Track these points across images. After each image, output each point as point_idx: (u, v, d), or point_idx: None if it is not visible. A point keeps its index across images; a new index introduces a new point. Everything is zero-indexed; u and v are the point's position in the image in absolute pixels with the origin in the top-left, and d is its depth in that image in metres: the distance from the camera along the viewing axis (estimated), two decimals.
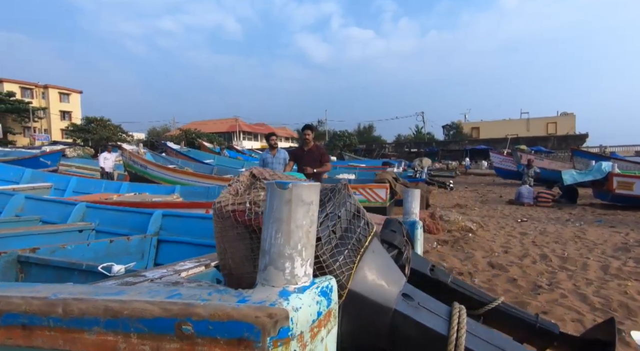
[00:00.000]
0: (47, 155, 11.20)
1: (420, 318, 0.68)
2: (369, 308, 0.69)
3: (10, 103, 39.64)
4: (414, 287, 0.75)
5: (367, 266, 0.71)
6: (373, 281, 0.70)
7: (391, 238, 1.09)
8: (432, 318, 0.68)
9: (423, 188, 7.20)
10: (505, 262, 4.00)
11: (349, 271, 0.67)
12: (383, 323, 0.68)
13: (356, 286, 0.68)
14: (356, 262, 0.68)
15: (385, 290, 0.70)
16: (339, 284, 0.64)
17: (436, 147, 34.71)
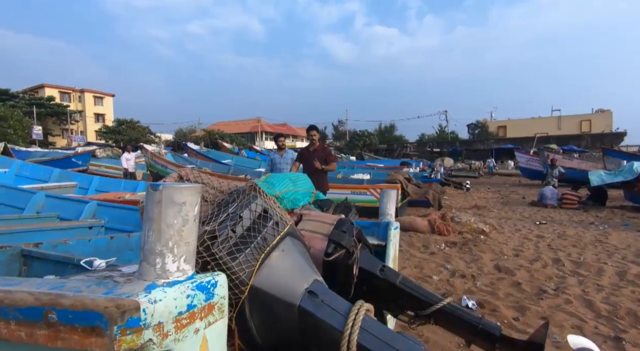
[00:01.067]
0: (78, 156, 11.89)
1: (321, 314, 0.71)
2: (274, 303, 0.72)
3: (51, 107, 42.28)
4: (324, 285, 0.78)
5: (273, 264, 0.74)
6: (278, 278, 0.73)
7: (339, 238, 1.12)
8: (331, 315, 0.71)
9: (436, 189, 7.07)
10: (513, 266, 3.88)
11: (251, 268, 0.71)
12: (290, 318, 0.72)
13: (260, 283, 0.71)
14: (260, 259, 0.72)
15: (290, 286, 0.73)
16: (239, 280, 0.69)
17: (460, 146, 33.75)
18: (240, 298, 0.70)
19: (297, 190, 3.79)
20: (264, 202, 0.80)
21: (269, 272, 0.73)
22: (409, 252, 4.47)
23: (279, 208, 0.84)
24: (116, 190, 5.50)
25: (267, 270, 0.73)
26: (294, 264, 0.75)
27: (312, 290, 0.73)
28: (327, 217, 1.20)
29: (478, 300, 2.88)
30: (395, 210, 1.72)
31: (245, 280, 0.70)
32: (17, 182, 5.94)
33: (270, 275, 0.73)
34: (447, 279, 3.46)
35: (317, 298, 0.72)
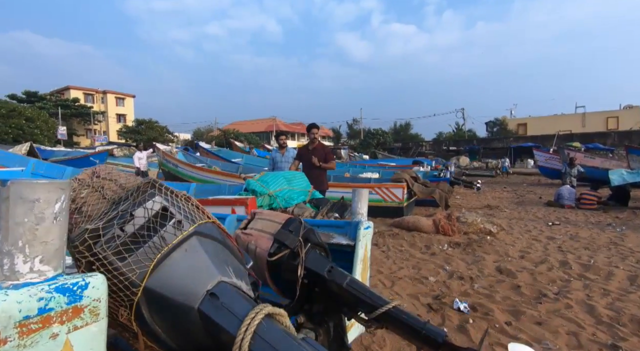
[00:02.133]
0: (96, 155, 12.30)
1: (218, 318, 0.68)
2: (171, 306, 0.70)
3: (75, 108, 44.03)
4: (230, 286, 0.75)
5: (173, 265, 0.72)
6: (177, 279, 0.71)
7: (284, 238, 1.10)
8: (228, 319, 0.68)
9: (444, 189, 6.91)
10: (516, 268, 3.74)
11: (144, 269, 0.69)
12: (193, 322, 0.69)
13: (155, 285, 0.69)
14: (155, 260, 0.70)
15: (189, 288, 0.70)
16: (129, 282, 0.67)
17: (477, 145, 32.93)
18: (133, 300, 0.68)
19: (293, 189, 3.80)
20: (165, 199, 0.78)
21: (167, 273, 0.70)
22: (409, 252, 4.39)
23: (190, 206, 0.82)
24: None
25: (164, 271, 0.70)
26: (198, 265, 0.73)
27: (213, 291, 0.71)
28: (277, 216, 1.18)
29: (472, 303, 2.79)
30: (367, 209, 1.67)
31: (137, 282, 0.68)
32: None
33: (168, 276, 0.70)
34: (444, 281, 3.37)
35: (218, 301, 0.70)
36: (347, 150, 29.84)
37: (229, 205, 3.18)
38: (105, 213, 0.74)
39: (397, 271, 3.64)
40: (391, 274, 3.56)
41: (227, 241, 0.87)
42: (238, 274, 0.80)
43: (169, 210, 0.75)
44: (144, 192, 0.75)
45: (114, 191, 0.80)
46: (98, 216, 0.73)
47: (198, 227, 0.77)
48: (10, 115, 24.37)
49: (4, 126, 23.72)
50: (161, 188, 0.78)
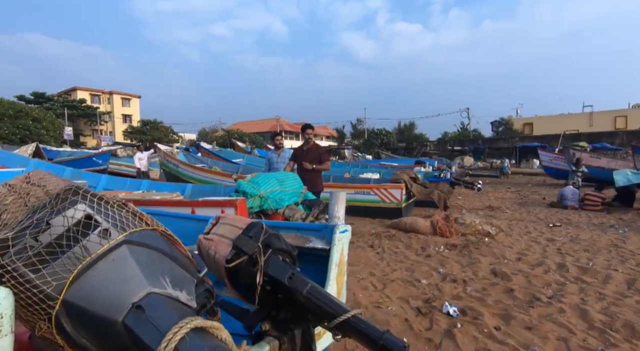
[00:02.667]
0: (99, 155, 12.40)
1: (141, 332, 0.65)
2: (93, 319, 0.67)
3: (82, 109, 44.51)
4: (160, 298, 0.71)
5: (97, 276, 0.69)
6: (100, 291, 0.68)
7: (242, 244, 1.07)
8: (151, 333, 0.64)
9: (443, 189, 6.84)
10: (511, 270, 3.68)
11: (62, 280, 0.66)
12: (117, 336, 0.66)
13: (75, 297, 0.66)
14: (74, 271, 0.67)
15: (113, 300, 0.67)
16: (44, 294, 0.64)
17: (482, 144, 32.64)
18: (50, 314, 0.65)
19: (285, 190, 3.78)
20: (90, 206, 0.74)
21: (90, 285, 0.67)
22: (404, 254, 4.35)
23: (125, 214, 0.78)
24: (122, 189, 5.67)
25: (87, 282, 0.67)
26: (125, 275, 0.70)
27: (140, 304, 0.67)
28: (239, 220, 1.15)
29: (462, 307, 2.75)
30: (344, 212, 1.65)
31: (54, 295, 0.65)
32: None
33: (91, 288, 0.67)
34: (437, 283, 3.33)
35: (143, 314, 0.66)
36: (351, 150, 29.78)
37: (218, 207, 3.17)
38: (19, 222, 0.71)
39: (390, 274, 3.61)
40: (384, 276, 3.52)
41: (171, 249, 0.84)
42: (178, 284, 0.77)
43: (94, 218, 0.72)
44: (64, 199, 0.72)
45: (38, 198, 0.77)
46: (12, 225, 0.71)
47: (130, 236, 0.74)
48: (17, 116, 24.71)
49: (12, 127, 24.05)
50: (86, 195, 0.75)
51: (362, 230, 5.67)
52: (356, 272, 3.62)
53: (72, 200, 0.72)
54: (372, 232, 5.49)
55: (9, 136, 23.08)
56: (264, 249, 1.11)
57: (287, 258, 1.21)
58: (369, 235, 5.31)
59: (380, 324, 2.46)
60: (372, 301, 2.88)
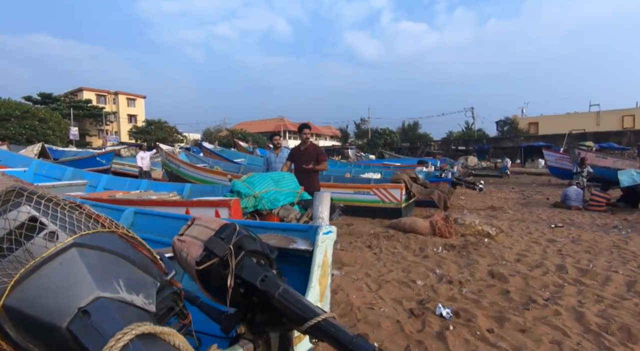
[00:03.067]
0: (102, 155, 12.50)
1: (84, 338, 0.63)
2: (35, 325, 0.65)
3: (88, 109, 44.93)
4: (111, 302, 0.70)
5: (41, 280, 0.67)
6: (44, 296, 0.66)
7: (213, 246, 1.06)
8: (94, 340, 0.62)
9: (444, 189, 6.78)
10: (509, 272, 3.64)
11: (1, 285, 0.65)
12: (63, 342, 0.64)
13: (17, 302, 0.64)
14: (16, 276, 0.65)
15: (57, 306, 0.65)
16: None
17: (487, 144, 32.37)
18: None
19: (281, 190, 3.77)
20: (36, 208, 0.72)
21: (34, 290, 0.65)
22: (401, 254, 4.32)
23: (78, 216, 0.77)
24: (122, 189, 5.70)
25: (31, 287, 0.66)
26: (73, 279, 0.68)
27: (86, 309, 0.65)
28: (213, 222, 1.14)
29: (456, 309, 2.71)
30: (329, 213, 1.63)
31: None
32: (36, 180, 6.32)
33: (36, 293, 0.65)
34: (432, 285, 3.30)
35: (89, 319, 0.64)
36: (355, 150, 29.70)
37: (212, 207, 3.17)
38: None
39: (386, 274, 3.58)
40: (379, 277, 3.50)
41: (130, 251, 0.83)
42: (134, 287, 0.76)
43: (39, 221, 0.70)
44: (6, 201, 0.71)
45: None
46: None
47: (80, 238, 0.72)
48: (24, 116, 24.99)
49: (18, 127, 24.33)
50: (32, 196, 0.73)
51: (360, 230, 5.65)
52: (352, 273, 3.60)
53: (15, 202, 0.70)
54: (370, 232, 5.46)
55: (15, 136, 23.34)
56: (237, 251, 1.10)
57: (262, 260, 1.19)
58: (368, 235, 5.28)
59: (372, 326, 2.44)
60: (365, 302, 2.86)
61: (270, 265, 1.21)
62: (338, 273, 3.56)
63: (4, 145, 17.56)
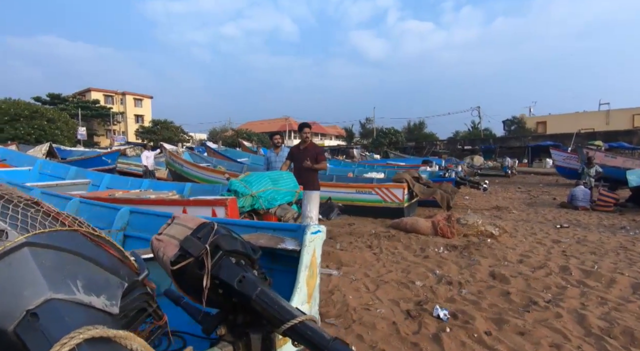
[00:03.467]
0: (108, 155, 12.62)
1: (31, 342, 0.60)
2: None
3: (96, 110, 45.47)
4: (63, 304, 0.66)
5: None
6: None
7: (188, 245, 1.04)
8: (40, 344, 0.59)
9: (446, 189, 6.70)
10: (511, 273, 3.57)
11: None
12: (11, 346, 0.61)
13: None
14: None
15: (4, 308, 0.62)
16: None
17: (494, 143, 32.04)
18: None
19: (279, 190, 3.74)
20: None
21: None
22: (401, 254, 4.27)
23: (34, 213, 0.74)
24: (123, 188, 5.73)
25: None
26: (23, 280, 0.65)
27: (35, 311, 0.62)
28: (191, 220, 1.11)
29: (455, 310, 2.66)
30: (317, 212, 1.59)
31: None
32: (40, 179, 6.40)
33: None
34: (431, 285, 3.24)
35: (37, 322, 0.61)
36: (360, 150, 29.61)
37: (209, 206, 3.15)
38: None
39: (385, 275, 3.54)
40: (378, 277, 3.46)
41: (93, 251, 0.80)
42: (94, 288, 0.72)
43: None
44: None
45: None
46: None
47: (33, 237, 0.69)
48: (33, 117, 25.37)
49: (27, 127, 24.71)
50: None
51: (361, 230, 5.60)
52: (350, 273, 3.57)
53: None
54: (372, 232, 5.42)
55: (24, 136, 23.70)
56: (214, 251, 1.07)
57: (243, 260, 1.16)
58: (369, 235, 5.23)
59: (367, 327, 2.40)
60: (362, 303, 2.82)
61: (252, 265, 1.18)
62: (336, 273, 3.53)
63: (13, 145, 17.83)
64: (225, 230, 1.13)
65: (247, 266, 1.16)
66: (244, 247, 1.16)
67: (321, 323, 2.47)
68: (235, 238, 1.15)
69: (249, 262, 1.17)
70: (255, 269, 1.20)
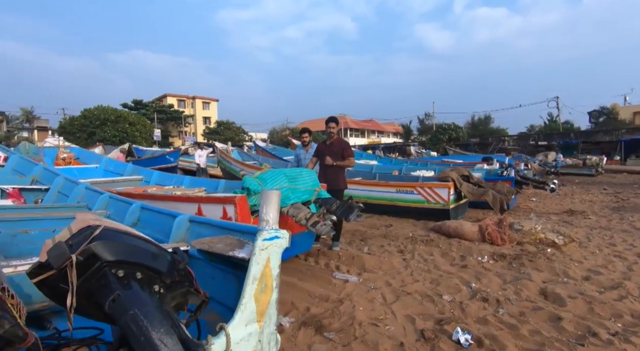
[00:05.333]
0: (170, 154, 13.77)
1: None
2: None
3: (170, 113, 50.24)
4: None
5: None
6: None
7: (51, 254, 0.88)
8: None
9: (502, 189, 5.89)
10: (569, 292, 2.93)
11: None
12: None
13: None
14: None
15: None
16: None
17: (575, 138, 28.10)
18: None
19: (295, 188, 3.56)
20: None
21: None
22: (435, 262, 3.80)
23: None
24: (169, 184, 6.06)
25: None
26: None
27: None
28: (81, 221, 0.95)
29: (482, 335, 2.22)
30: (277, 216, 1.35)
31: None
32: (104, 175, 7.11)
33: None
34: (462, 301, 2.79)
35: None
36: (417, 147, 28.20)
37: (220, 203, 3.10)
38: None
39: (409, 285, 3.15)
40: (400, 287, 3.09)
41: None
42: None
43: None
44: None
45: None
46: None
47: None
48: (117, 121, 28.87)
49: (113, 130, 28.17)
50: None
51: (398, 232, 5.17)
52: (370, 280, 3.25)
53: None
54: (408, 235, 4.96)
55: (111, 138, 27.04)
56: (89, 261, 0.90)
57: (141, 273, 0.97)
58: (404, 238, 4.80)
59: (367, 346, 2.10)
60: (372, 316, 2.51)
61: (160, 278, 0.99)
62: (355, 280, 3.24)
63: (99, 146, 20.43)
64: (117, 235, 0.96)
65: (147, 281, 0.97)
66: (143, 256, 0.97)
67: (318, 337, 2.23)
68: (131, 245, 0.97)
69: (153, 275, 0.98)
70: (164, 283, 1.01)
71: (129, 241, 0.94)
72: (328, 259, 3.90)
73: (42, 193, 4.63)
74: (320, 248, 4.21)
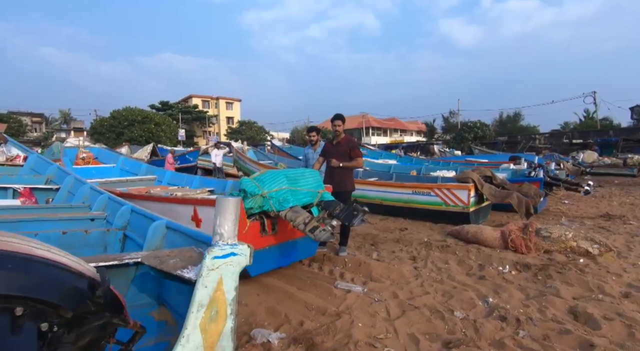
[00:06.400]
0: (190, 153, 13.99)
1: None
2: None
3: (195, 114, 51.52)
4: None
5: None
6: None
7: None
8: None
9: (529, 192, 5.40)
10: (605, 312, 2.55)
11: None
12: None
13: None
14: None
15: None
16: None
17: (615, 136, 26.19)
18: None
19: (296, 189, 3.35)
20: None
21: None
22: (449, 271, 3.48)
23: None
24: (179, 184, 6.03)
25: None
26: None
27: None
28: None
29: None
30: (234, 228, 1.14)
31: None
32: (121, 174, 7.21)
33: None
34: (476, 319, 2.48)
35: None
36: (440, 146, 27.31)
37: (212, 206, 2.93)
38: None
39: (418, 297, 2.86)
40: (408, 300, 2.81)
41: None
42: None
43: None
44: None
45: None
46: None
47: None
48: (144, 121, 29.84)
49: (140, 130, 29.16)
50: None
51: (412, 237, 4.85)
52: (376, 291, 2.99)
53: None
54: (423, 240, 4.64)
55: (137, 138, 27.99)
56: None
57: (19, 307, 0.78)
58: (418, 243, 4.48)
59: None
60: (371, 335, 2.25)
61: (56, 312, 0.80)
62: (359, 290, 2.99)
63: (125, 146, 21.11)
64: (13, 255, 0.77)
65: (32, 317, 0.78)
66: (26, 286, 0.78)
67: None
68: (12, 273, 0.77)
69: (46, 308, 0.79)
70: (63, 317, 0.82)
71: (11, 266, 0.74)
72: (333, 265, 3.67)
73: (53, 192, 4.67)
74: (327, 253, 3.98)
